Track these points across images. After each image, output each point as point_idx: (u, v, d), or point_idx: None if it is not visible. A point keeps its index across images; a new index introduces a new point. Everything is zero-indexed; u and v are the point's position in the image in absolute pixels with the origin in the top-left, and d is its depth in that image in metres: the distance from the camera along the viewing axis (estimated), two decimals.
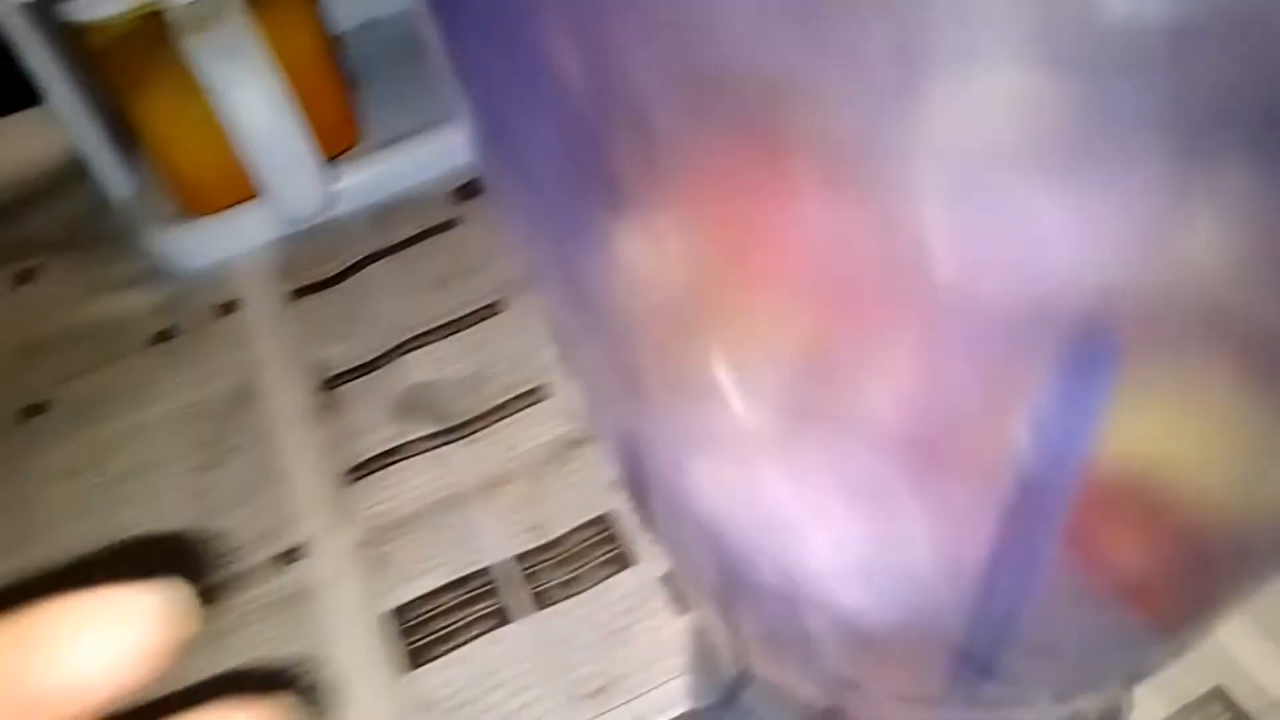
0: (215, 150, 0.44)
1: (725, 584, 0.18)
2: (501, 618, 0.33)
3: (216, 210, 0.47)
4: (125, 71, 0.43)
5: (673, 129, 0.12)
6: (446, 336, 0.42)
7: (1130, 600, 0.15)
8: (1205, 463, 0.13)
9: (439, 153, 0.48)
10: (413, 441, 0.38)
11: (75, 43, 0.44)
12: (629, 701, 0.30)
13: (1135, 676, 0.19)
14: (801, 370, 0.13)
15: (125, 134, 0.48)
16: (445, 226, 0.46)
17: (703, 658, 0.29)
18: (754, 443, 0.15)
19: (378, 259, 0.45)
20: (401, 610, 0.34)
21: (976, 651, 0.17)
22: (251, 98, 0.41)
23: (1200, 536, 0.14)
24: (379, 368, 0.41)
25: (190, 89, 0.41)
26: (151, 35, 0.41)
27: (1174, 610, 0.16)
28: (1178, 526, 0.14)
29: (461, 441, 0.38)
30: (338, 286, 0.45)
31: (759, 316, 0.13)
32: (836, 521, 0.15)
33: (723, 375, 0.14)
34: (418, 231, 0.46)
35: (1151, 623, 0.16)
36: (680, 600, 0.32)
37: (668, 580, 0.33)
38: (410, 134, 0.49)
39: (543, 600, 0.33)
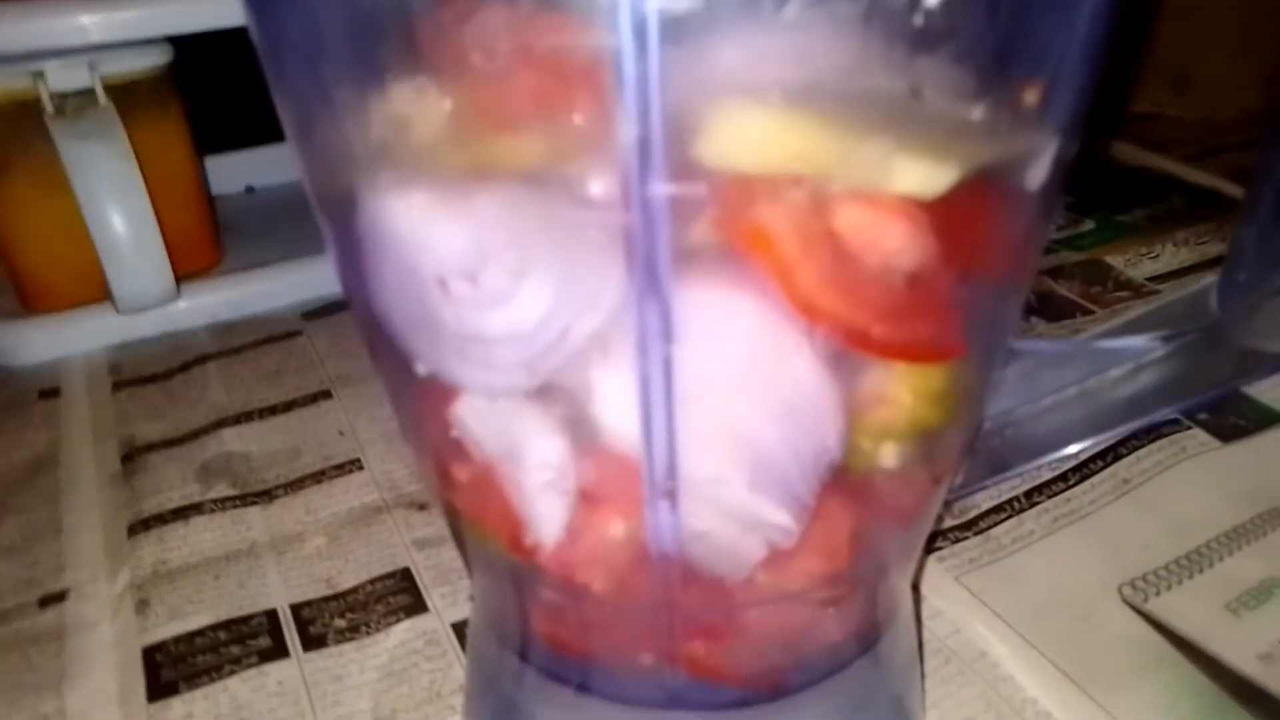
0: (65, 243, 0.44)
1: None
2: (266, 657, 0.30)
3: (59, 308, 0.47)
4: None
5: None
6: (268, 418, 0.41)
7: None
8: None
9: (292, 282, 0.49)
10: (211, 501, 0.36)
11: None
12: None
13: None
14: None
15: None
16: (288, 336, 0.46)
17: (483, 683, 0.27)
18: None
19: (213, 359, 0.45)
20: (159, 647, 0.30)
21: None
22: (111, 188, 0.42)
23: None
24: (191, 441, 0.39)
25: (49, 179, 0.42)
26: (16, 120, 0.43)
27: None
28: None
29: (262, 505, 0.36)
30: (166, 382, 0.44)
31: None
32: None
33: None
34: (259, 339, 0.46)
35: None
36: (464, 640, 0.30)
37: (460, 627, 0.31)
38: (267, 263, 0.50)
39: (317, 643, 0.30)
